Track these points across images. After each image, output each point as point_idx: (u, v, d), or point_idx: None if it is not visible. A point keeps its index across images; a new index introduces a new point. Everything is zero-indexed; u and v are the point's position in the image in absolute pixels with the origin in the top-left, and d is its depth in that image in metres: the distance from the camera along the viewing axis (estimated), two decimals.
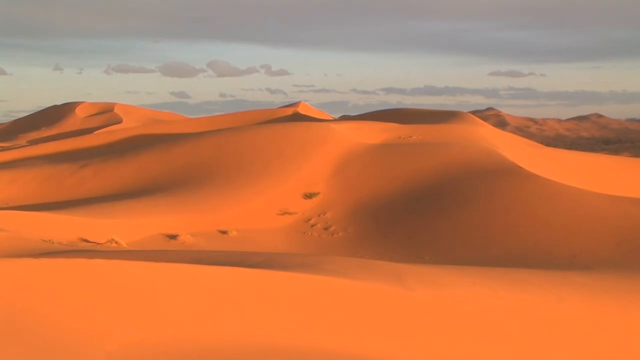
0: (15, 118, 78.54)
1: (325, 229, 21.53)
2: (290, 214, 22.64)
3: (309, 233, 21.19)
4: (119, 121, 60.66)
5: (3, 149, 42.80)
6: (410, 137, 31.91)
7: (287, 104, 60.85)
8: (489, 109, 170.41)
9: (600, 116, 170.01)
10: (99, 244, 16.34)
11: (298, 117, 48.65)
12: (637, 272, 13.50)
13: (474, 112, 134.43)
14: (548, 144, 68.05)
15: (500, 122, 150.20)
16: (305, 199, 23.74)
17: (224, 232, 20.52)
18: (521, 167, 23.99)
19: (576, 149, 78.22)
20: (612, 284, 12.08)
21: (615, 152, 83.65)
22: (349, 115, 62.73)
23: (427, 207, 22.01)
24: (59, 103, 75.03)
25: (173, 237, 19.02)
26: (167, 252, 13.27)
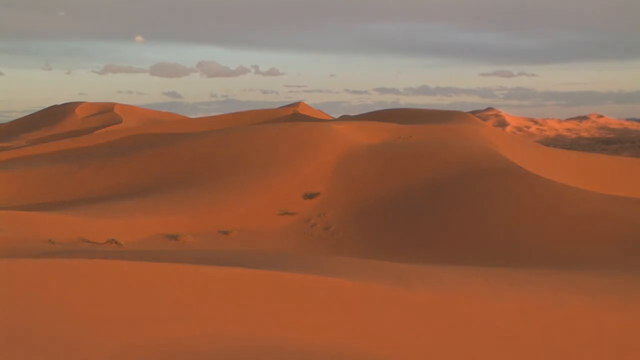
0: (10, 119, 78.38)
1: (326, 229, 21.51)
2: (290, 214, 22.63)
3: (309, 233, 21.18)
4: (119, 121, 60.60)
5: (3, 149, 42.79)
6: (411, 137, 31.91)
7: (280, 103, 60.87)
8: (489, 109, 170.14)
9: (600, 116, 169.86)
10: (99, 244, 16.34)
11: (298, 117, 48.66)
12: (637, 272, 13.50)
13: (474, 112, 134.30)
14: (548, 144, 68.05)
15: (500, 122, 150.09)
16: (305, 199, 23.73)
17: (225, 233, 20.52)
18: (522, 168, 23.99)
19: (576, 149, 78.21)
20: (612, 283, 12.07)
21: (615, 152, 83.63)
22: (348, 115, 62.69)
23: (427, 207, 22.01)
24: (52, 103, 74.90)
25: (173, 237, 19.02)
26: (167, 252, 13.27)
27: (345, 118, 57.63)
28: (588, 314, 9.83)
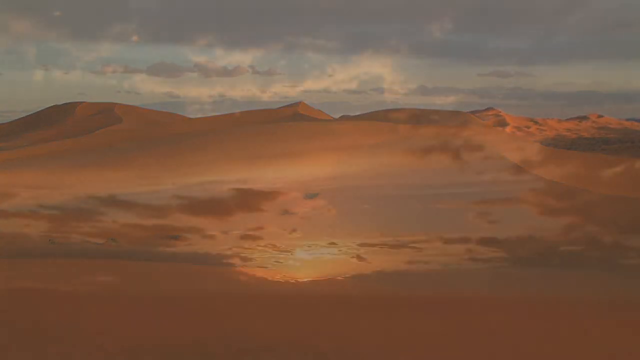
0: (10, 119, 78.20)
1: (325, 228, 21.51)
2: (290, 214, 22.63)
3: (309, 232, 21.17)
4: (119, 121, 60.57)
5: (3, 149, 42.80)
6: (411, 137, 31.91)
7: (278, 103, 60.95)
8: (489, 108, 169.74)
9: (600, 116, 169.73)
10: (99, 243, 16.34)
11: (298, 117, 48.66)
12: (637, 271, 13.51)
13: (474, 112, 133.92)
14: (548, 144, 68.02)
15: (500, 122, 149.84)
16: (305, 199, 23.74)
17: (225, 232, 20.52)
18: (521, 167, 24.00)
19: (576, 149, 78.05)
20: (611, 283, 12.08)
21: (615, 152, 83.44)
22: (348, 115, 62.68)
23: (428, 207, 22.01)
24: (52, 103, 74.71)
25: (174, 237, 19.01)
26: (168, 252, 13.28)
27: (345, 118, 57.65)
28: (588, 313, 9.83)
